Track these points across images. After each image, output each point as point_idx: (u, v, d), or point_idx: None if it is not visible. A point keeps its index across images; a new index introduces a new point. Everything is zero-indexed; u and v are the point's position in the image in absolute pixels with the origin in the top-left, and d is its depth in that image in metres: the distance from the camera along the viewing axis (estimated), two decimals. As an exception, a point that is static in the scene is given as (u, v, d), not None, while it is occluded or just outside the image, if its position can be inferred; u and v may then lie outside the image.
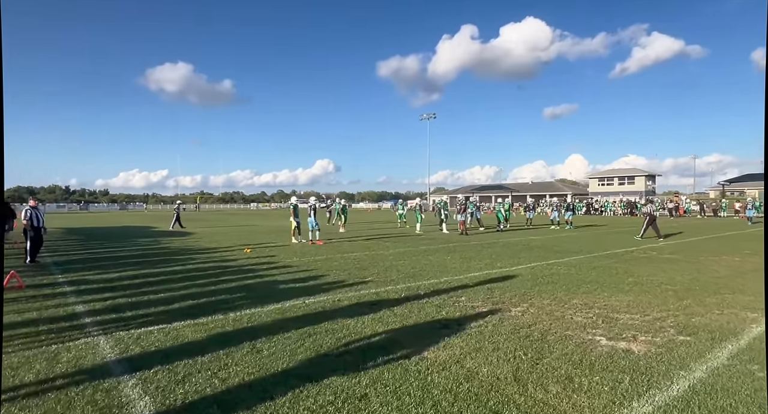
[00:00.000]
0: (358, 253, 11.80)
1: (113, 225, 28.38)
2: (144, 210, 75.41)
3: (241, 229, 23.52)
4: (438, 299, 6.19)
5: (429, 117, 76.03)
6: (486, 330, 4.70)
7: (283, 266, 9.48)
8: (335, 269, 9.01)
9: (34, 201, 10.91)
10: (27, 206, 10.61)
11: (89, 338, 4.46)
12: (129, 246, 14.47)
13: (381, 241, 15.71)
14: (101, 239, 17.30)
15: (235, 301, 6.17)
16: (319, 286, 7.16)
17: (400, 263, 9.86)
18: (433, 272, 8.61)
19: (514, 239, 16.18)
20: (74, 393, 3.14)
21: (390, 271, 8.78)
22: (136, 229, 24.42)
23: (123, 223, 31.37)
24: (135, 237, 18.32)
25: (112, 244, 15.00)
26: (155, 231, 22.26)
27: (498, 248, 13.04)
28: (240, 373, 3.53)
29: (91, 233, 20.74)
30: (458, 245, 13.95)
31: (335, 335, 4.52)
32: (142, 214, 52.82)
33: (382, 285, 7.29)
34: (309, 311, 5.56)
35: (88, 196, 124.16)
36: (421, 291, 6.79)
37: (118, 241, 16.17)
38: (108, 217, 42.70)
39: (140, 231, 22.26)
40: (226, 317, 5.26)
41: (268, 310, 5.62)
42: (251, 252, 12.19)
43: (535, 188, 78.09)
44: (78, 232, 21.91)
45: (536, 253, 11.86)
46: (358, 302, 6.05)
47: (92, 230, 23.01)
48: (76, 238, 17.85)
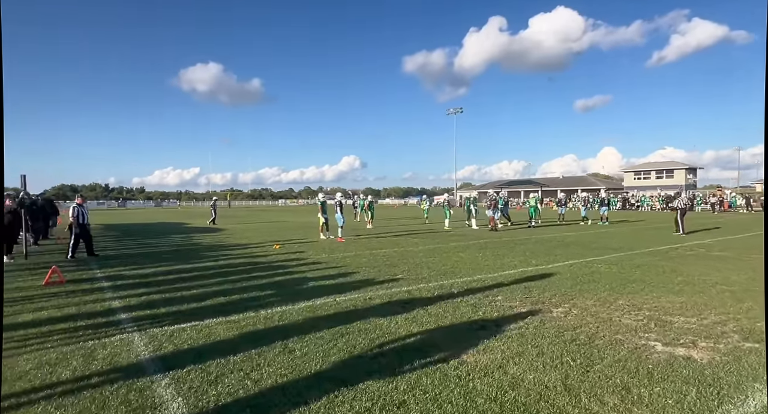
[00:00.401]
0: (387, 250, 11.63)
1: (148, 221, 29.32)
2: (178, 207, 77.87)
3: (270, 225, 23.80)
4: (473, 298, 5.94)
5: (456, 111, 74.93)
6: (527, 332, 4.42)
7: (313, 263, 9.42)
8: (365, 266, 8.87)
9: (81, 199, 11.29)
10: (74, 204, 11.02)
11: (124, 335, 4.47)
12: (163, 242, 14.83)
13: (409, 237, 15.50)
14: (137, 235, 17.84)
15: (266, 298, 6.11)
16: (349, 284, 7.03)
17: (431, 260, 9.63)
18: (466, 270, 8.34)
19: (547, 235, 15.63)
20: (109, 392, 3.10)
21: (420, 268, 8.56)
22: (170, 225, 25.13)
23: (158, 219, 32.40)
24: (169, 233, 18.81)
25: (147, 240, 15.42)
26: (188, 227, 22.82)
27: (531, 245, 12.59)
28: (273, 374, 3.42)
29: (127, 229, 21.46)
30: (489, 242, 13.56)
31: (368, 335, 4.36)
32: (176, 211, 54.49)
33: (413, 283, 7.09)
34: (340, 310, 5.43)
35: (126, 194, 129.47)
36: (455, 289, 6.55)
37: (153, 237, 16.62)
38: (144, 214, 44.25)
39: (174, 227, 22.87)
40: (258, 315, 5.19)
41: (299, 307, 5.52)
42: (280, 248, 12.23)
43: (566, 183, 75.83)
44: (116, 228, 22.72)
45: (572, 250, 11.36)
46: (389, 301, 5.87)
47: (129, 226, 23.82)
48: (114, 234, 18.48)
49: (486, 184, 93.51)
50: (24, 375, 3.42)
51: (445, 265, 8.96)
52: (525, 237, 15.09)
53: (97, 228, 22.38)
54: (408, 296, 6.13)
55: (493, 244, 12.74)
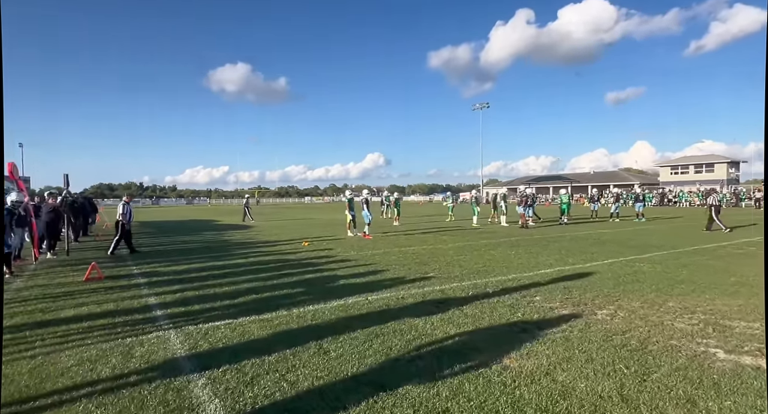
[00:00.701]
0: (416, 247, 11.47)
1: (181, 218, 30.15)
2: (208, 204, 79.98)
3: (298, 222, 24.01)
4: (509, 299, 5.71)
5: (482, 106, 73.64)
6: (572, 336, 4.18)
7: (342, 260, 9.36)
8: (394, 264, 8.74)
9: (129, 197, 11.73)
10: (123, 202, 11.42)
11: (160, 332, 4.49)
12: (195, 239, 15.14)
13: (438, 234, 15.26)
14: (171, 232, 18.31)
15: (297, 296, 6.06)
16: (380, 282, 6.91)
17: (462, 258, 9.40)
18: (499, 268, 8.07)
19: (580, 233, 15.08)
20: (147, 391, 3.08)
21: (452, 266, 8.36)
22: (201, 222, 25.73)
23: (189, 216, 33.27)
24: (200, 230, 19.23)
25: (180, 237, 15.79)
26: (218, 224, 23.30)
27: (565, 243, 12.15)
28: (309, 376, 3.33)
29: (161, 227, 22.10)
30: (521, 239, 13.18)
31: (404, 337, 4.22)
32: (206, 209, 55.98)
33: (446, 281, 6.91)
34: (373, 309, 5.31)
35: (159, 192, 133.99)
36: (489, 289, 6.32)
37: (185, 234, 17.02)
38: (176, 211, 45.63)
39: (205, 224, 23.40)
40: (290, 313, 5.14)
41: (331, 306, 5.44)
42: (309, 245, 12.25)
43: (597, 178, 73.39)
44: (150, 225, 23.45)
45: (610, 248, 10.88)
46: (423, 300, 5.71)
47: (162, 224, 24.54)
48: (149, 231, 19.03)
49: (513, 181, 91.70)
50: (66, 371, 3.45)
51: (477, 263, 8.72)
52: (558, 234, 14.60)
53: (134, 225, 23.13)
54: (441, 296, 5.96)
55: (525, 242, 12.37)
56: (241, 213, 26.47)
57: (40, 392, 3.09)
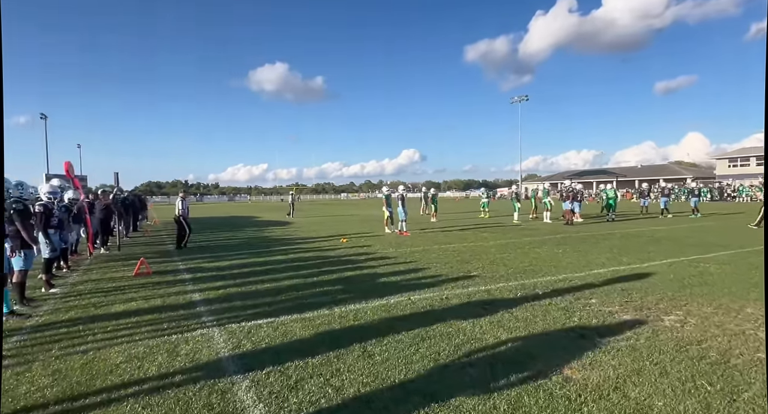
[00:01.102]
0: (456, 245, 11.14)
1: (223, 215, 31.11)
2: (248, 201, 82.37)
3: (335, 218, 24.14)
4: (563, 301, 5.33)
5: (520, 99, 71.35)
6: (639, 344, 3.80)
7: (381, 257, 9.21)
8: (435, 262, 8.48)
9: (184, 193, 12.35)
10: (180, 197, 12.00)
11: (205, 329, 4.48)
12: (237, 235, 15.48)
13: (477, 231, 14.83)
14: (213, 228, 18.85)
15: (338, 294, 5.95)
16: (422, 281, 6.69)
17: (506, 256, 9.01)
18: (547, 268, 7.65)
19: (631, 230, 14.19)
20: (192, 393, 3.02)
21: (496, 265, 8.00)
22: (242, 218, 26.40)
23: (231, 213, 34.30)
24: (242, 226, 19.69)
25: (222, 233, 16.19)
26: (258, 220, 23.81)
27: (616, 240, 11.43)
28: (354, 382, 3.17)
29: (205, 223, 22.81)
30: (567, 237, 12.55)
31: (452, 341, 3.99)
32: (247, 205, 57.60)
33: (491, 281, 6.59)
34: (416, 310, 5.10)
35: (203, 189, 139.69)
36: (539, 290, 5.96)
37: (227, 230, 17.46)
38: (219, 208, 47.24)
39: (246, 221, 23.97)
40: (332, 313, 5.02)
41: (373, 306, 5.28)
42: (347, 242, 12.20)
43: (645, 172, 69.62)
44: (195, 221, 24.24)
45: (667, 246, 10.12)
46: (468, 301, 5.44)
47: (206, 220, 25.34)
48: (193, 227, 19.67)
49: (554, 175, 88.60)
50: (115, 368, 3.47)
51: (523, 262, 8.31)
52: (606, 231, 13.80)
53: (179, 221, 24.10)
54: (488, 296, 5.66)
55: (571, 240, 11.75)
56: (286, 209, 27.00)
57: (90, 389, 3.11)
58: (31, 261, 5.75)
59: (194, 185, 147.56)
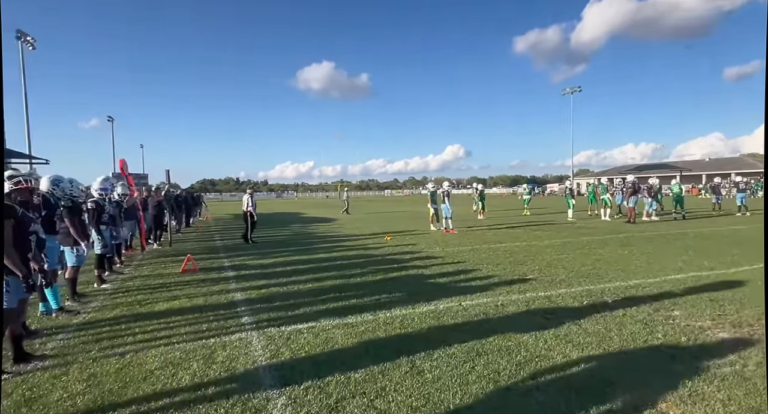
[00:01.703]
0: (507, 244, 10.46)
1: (270, 212, 31.81)
2: (295, 198, 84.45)
3: (379, 215, 23.90)
4: (639, 313, 4.64)
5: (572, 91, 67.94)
6: (749, 372, 3.12)
7: (427, 257, 8.75)
8: (486, 262, 7.91)
9: (251, 189, 12.78)
10: (248, 194, 12.46)
11: (243, 333, 4.26)
12: (282, 231, 15.57)
13: (529, 229, 13.97)
14: (260, 225, 19.12)
15: (383, 297, 5.58)
16: (472, 284, 6.18)
17: (564, 258, 8.26)
18: (614, 272, 6.87)
19: (705, 229, 12.77)
20: (224, 409, 2.75)
21: (554, 267, 7.31)
22: (288, 215, 26.81)
23: (278, 209, 35.04)
24: (288, 222, 19.89)
25: (268, 230, 16.36)
26: (304, 217, 24.04)
27: (690, 241, 10.26)
28: (402, 404, 2.77)
29: (253, 219, 23.31)
30: (631, 237, 11.46)
31: (512, 358, 3.49)
32: (293, 202, 58.98)
33: (550, 286, 5.96)
34: (469, 318, 4.62)
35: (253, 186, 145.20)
36: (608, 298, 5.27)
37: (273, 227, 17.66)
38: (267, 204, 48.55)
39: (291, 217, 24.28)
40: (376, 318, 4.65)
41: (421, 312, 4.86)
42: (392, 240, 11.83)
43: (714, 166, 63.99)
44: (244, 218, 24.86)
45: (753, 249, 8.89)
46: (527, 309, 4.88)
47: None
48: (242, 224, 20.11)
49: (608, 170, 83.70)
50: (149, 376, 3.29)
51: (584, 264, 7.55)
52: (677, 231, 12.49)
53: (227, 218, 24.83)
54: (549, 304, 5.07)
55: (637, 240, 10.69)
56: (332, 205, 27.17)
57: (121, 399, 2.93)
58: (83, 258, 5.83)
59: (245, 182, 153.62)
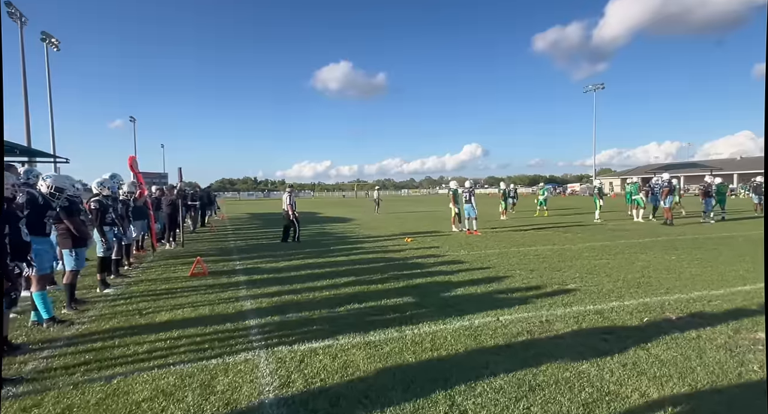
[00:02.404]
0: (537, 247, 9.70)
1: (287, 211, 31.46)
2: (311, 197, 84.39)
3: (396, 215, 23.27)
4: (716, 335, 3.90)
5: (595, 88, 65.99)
6: None
7: (453, 261, 8.07)
8: (518, 268, 7.20)
9: (290, 188, 12.49)
10: (287, 192, 12.10)
11: (250, 353, 3.69)
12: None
13: (557, 231, 13.13)
14: (276, 226, 18.69)
15: (408, 308, 4.95)
16: (508, 295, 5.49)
17: (605, 264, 7.48)
18: (668, 281, 6.08)
19: (754, 232, 11.72)
20: (217, 465, 2.16)
21: (596, 275, 6.56)
22: (305, 214, 26.37)
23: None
24: (304, 223, 19.35)
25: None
26: (320, 217, 23.60)
27: (743, 246, 9.32)
28: (445, 465, 2.14)
29: (269, 219, 22.98)
30: (674, 240, 10.54)
31: (575, 395, 2.81)
32: (310, 201, 58.73)
33: (598, 298, 5.23)
34: (511, 337, 3.95)
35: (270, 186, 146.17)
36: (671, 314, 4.53)
37: (289, 227, 17.17)
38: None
39: (308, 217, 23.83)
40: (402, 336, 4.02)
41: (454, 328, 4.21)
42: (413, 242, 11.19)
43: (747, 165, 61.22)
44: (260, 217, 24.60)
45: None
46: (579, 327, 4.18)
47: (270, 216, 25.58)
48: (257, 224, 19.79)
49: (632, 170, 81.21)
50: (134, 410, 2.74)
51: (630, 271, 6.78)
52: (724, 234, 11.50)
53: (244, 217, 24.56)
54: (603, 321, 4.35)
55: (681, 244, 9.79)
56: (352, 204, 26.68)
57: (95, 443, 2.37)
58: (82, 261, 5.39)
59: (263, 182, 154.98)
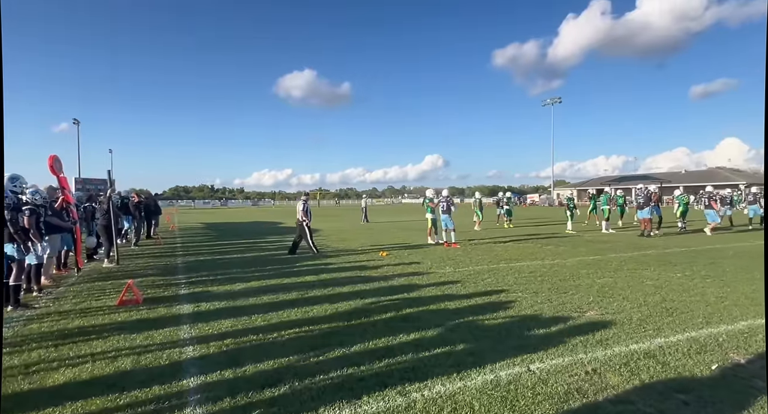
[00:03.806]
0: (526, 263, 8.81)
1: (246, 221, 29.46)
2: (272, 206, 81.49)
3: (363, 225, 22.04)
4: (816, 387, 2.98)
5: (553, 102, 68.52)
6: None
7: (442, 282, 6.97)
8: (519, 290, 6.21)
9: (306, 196, 11.09)
10: (302, 200, 10.73)
11: (182, 448, 2.37)
12: (259, 244, 13.50)
13: (536, 243, 12.40)
14: (233, 237, 16.97)
15: (407, 351, 3.76)
16: (527, 330, 4.42)
17: (610, 283, 6.64)
18: (697, 306, 5.26)
19: (741, 244, 11.47)
20: None
21: (612, 298, 5.67)
22: (266, 225, 24.61)
23: (254, 218, 32.68)
24: (265, 234, 17.77)
25: (242, 243, 14.27)
26: (283, 227, 21.94)
27: (744, 260, 8.84)
28: None
29: (225, 230, 21.05)
30: (665, 254, 10.00)
31: None
32: (271, 210, 56.30)
33: (634, 332, 4.27)
34: (557, 399, 2.86)
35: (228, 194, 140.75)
36: (736, 355, 3.63)
37: (248, 238, 15.56)
38: (242, 213, 45.92)
39: (269, 228, 22.11)
40: (411, 403, 2.83)
41: (477, 386, 3.07)
42: (389, 256, 10.03)
43: (691, 178, 64.96)
44: (215, 228, 22.57)
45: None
46: (640, 382, 3.15)
47: (227, 227, 23.62)
48: (212, 235, 17.91)
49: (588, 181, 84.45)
50: None
51: (646, 293, 5.94)
52: (707, 246, 11.15)
53: (197, 227, 22.48)
54: (663, 370, 3.36)
55: (677, 258, 9.22)
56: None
57: None
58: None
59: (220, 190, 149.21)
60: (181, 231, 19.84)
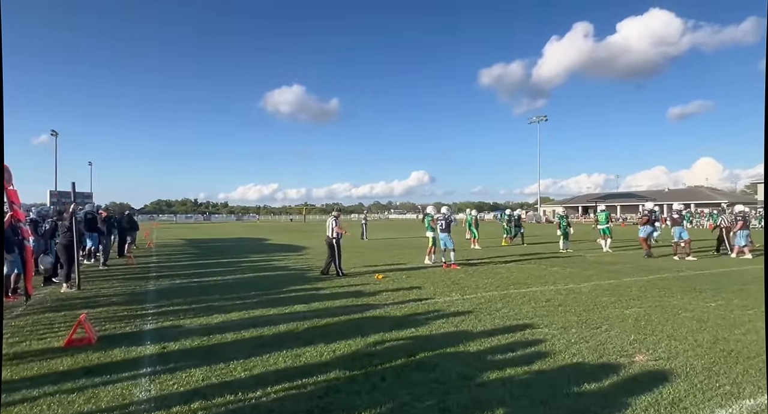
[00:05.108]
0: (537, 288, 8.00)
1: (229, 237, 28.20)
2: (257, 221, 79.75)
3: (352, 242, 21.08)
4: None
5: (539, 119, 69.24)
6: None
7: (451, 313, 6.08)
8: (542, 324, 5.37)
9: (338, 212, 10.53)
10: (333, 216, 10.15)
11: None
12: (241, 265, 12.42)
13: (539, 264, 11.64)
14: (215, 255, 15.83)
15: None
16: (572, 384, 3.55)
17: (641, 314, 5.85)
18: (761, 346, 4.48)
19: (752, 267, 10.89)
20: None
21: (654, 335, 4.86)
22: (251, 241, 23.45)
23: (238, 234, 31.40)
24: (248, 252, 16.66)
25: (223, 264, 13.17)
26: (268, 244, 20.85)
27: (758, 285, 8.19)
28: None
29: (207, 247, 19.82)
30: (684, 277, 9.32)
31: None
32: (255, 225, 54.81)
33: (708, 388, 3.44)
34: None
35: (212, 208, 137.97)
36: None
37: (230, 257, 14.45)
38: (226, 228, 44.44)
39: (254, 245, 20.96)
40: None
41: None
42: (385, 279, 9.13)
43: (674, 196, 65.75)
44: (196, 244, 21.31)
45: None
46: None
47: (209, 244, 22.37)
48: (191, 254, 16.73)
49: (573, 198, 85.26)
50: None
51: (692, 330, 5.15)
52: (721, 269, 10.54)
53: (180, 244, 21.21)
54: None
55: (696, 282, 8.53)
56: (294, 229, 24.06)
57: None
58: None
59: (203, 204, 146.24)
60: (159, 248, 18.58)
